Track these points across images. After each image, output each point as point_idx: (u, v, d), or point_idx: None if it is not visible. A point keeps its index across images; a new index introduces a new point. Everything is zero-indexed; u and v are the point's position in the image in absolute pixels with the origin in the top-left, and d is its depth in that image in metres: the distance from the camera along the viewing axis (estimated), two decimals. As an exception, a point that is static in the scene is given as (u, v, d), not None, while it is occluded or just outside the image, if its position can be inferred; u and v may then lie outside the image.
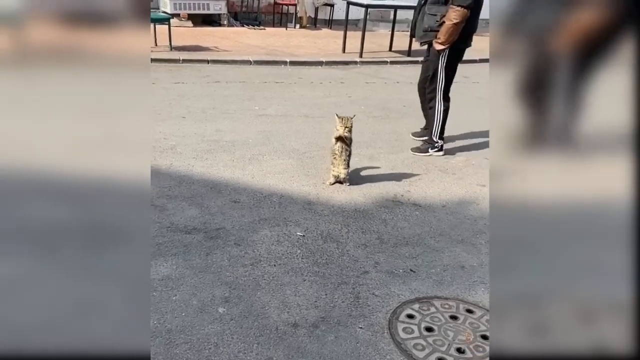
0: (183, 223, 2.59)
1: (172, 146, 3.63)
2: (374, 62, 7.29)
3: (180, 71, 6.04)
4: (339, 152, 3.11)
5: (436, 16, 3.47)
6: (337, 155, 3.12)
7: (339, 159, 3.13)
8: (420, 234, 2.69)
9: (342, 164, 3.14)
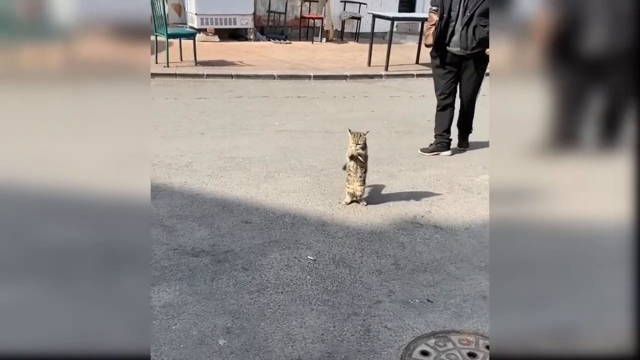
0: (191, 245, 2.51)
1: (187, 163, 3.58)
2: (399, 75, 7.15)
3: (204, 86, 6.05)
4: (353, 169, 3.01)
5: (486, 27, 3.57)
6: (351, 172, 3.02)
7: (353, 176, 3.02)
8: (440, 260, 2.52)
9: (357, 181, 3.03)
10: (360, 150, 2.96)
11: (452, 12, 3.69)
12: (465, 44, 3.70)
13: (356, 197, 3.08)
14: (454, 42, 3.76)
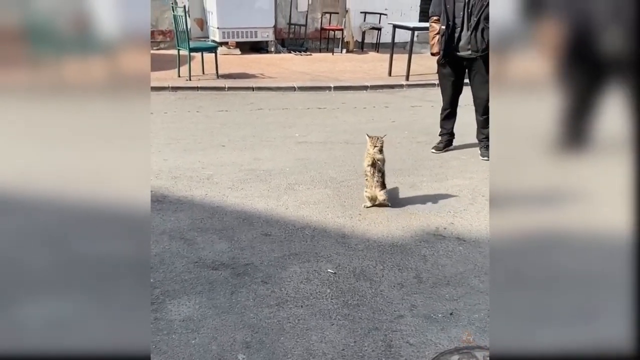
0: (211, 258, 2.51)
1: (209, 176, 3.61)
2: (420, 84, 7.10)
3: (225, 99, 6.12)
4: (370, 173, 3.09)
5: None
6: (368, 177, 3.11)
7: (371, 180, 3.10)
8: (464, 273, 2.46)
9: (375, 185, 3.10)
10: (378, 154, 3.05)
11: (457, 19, 3.85)
12: (475, 47, 3.84)
13: (378, 201, 3.13)
14: (462, 47, 3.91)
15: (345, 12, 9.75)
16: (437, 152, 4.29)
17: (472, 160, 4.12)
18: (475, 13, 3.77)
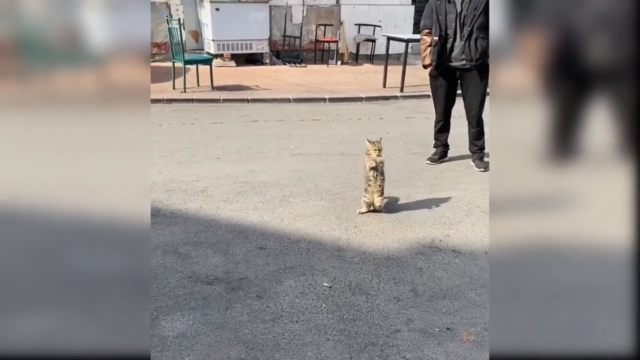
0: (205, 272, 2.49)
1: (203, 189, 3.58)
2: (414, 96, 7.13)
3: (220, 111, 6.12)
4: (373, 178, 3.13)
5: (485, 39, 3.79)
6: (371, 182, 3.13)
7: (373, 186, 3.14)
8: (460, 286, 2.44)
9: (376, 190, 3.15)
10: (380, 157, 3.12)
11: (449, 30, 3.87)
12: (469, 56, 3.86)
13: (374, 207, 3.19)
14: (455, 57, 3.93)
15: (339, 24, 9.82)
16: (432, 163, 4.29)
17: (467, 172, 4.12)
18: (468, 23, 3.79)
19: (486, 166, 4.15)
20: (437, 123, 4.33)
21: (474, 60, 3.87)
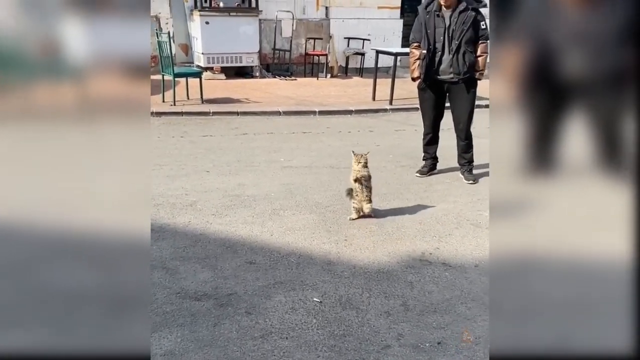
0: (194, 288, 2.45)
1: (192, 202, 3.56)
2: (404, 108, 7.18)
3: (210, 124, 6.10)
4: (359, 189, 3.27)
5: (473, 53, 3.89)
6: (358, 193, 3.28)
7: (360, 196, 3.28)
8: (450, 299, 2.44)
9: (364, 200, 3.28)
10: (362, 170, 3.24)
11: (437, 43, 3.92)
12: (457, 70, 3.91)
13: (363, 213, 3.30)
14: (444, 71, 3.97)
15: (329, 37, 9.90)
16: (421, 176, 4.31)
17: (456, 184, 4.14)
18: (457, 37, 3.84)
19: (475, 178, 4.18)
20: (426, 136, 4.35)
21: (461, 74, 3.91)
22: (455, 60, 3.89)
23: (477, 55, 3.91)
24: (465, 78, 3.93)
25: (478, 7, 3.87)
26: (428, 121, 4.28)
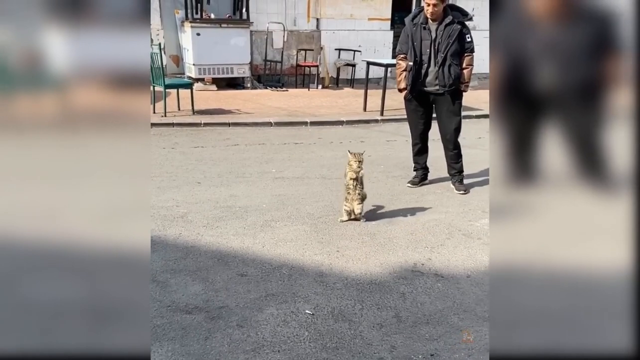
0: (184, 301, 2.43)
1: (183, 214, 3.53)
2: (395, 119, 7.21)
3: (201, 135, 6.09)
4: (352, 187, 3.37)
5: (458, 66, 3.95)
6: (350, 191, 3.37)
7: (353, 194, 3.37)
8: (443, 310, 2.43)
9: (356, 199, 3.38)
10: (360, 169, 3.39)
11: (424, 55, 3.98)
12: (443, 82, 3.96)
13: (354, 215, 3.42)
14: (430, 83, 4.02)
15: (320, 49, 9.97)
16: (413, 186, 4.32)
17: (447, 194, 4.16)
18: (442, 50, 3.89)
19: (466, 189, 4.20)
20: (415, 146, 4.38)
21: (447, 86, 3.96)
22: (441, 72, 3.93)
23: (463, 67, 3.97)
24: (450, 90, 3.98)
25: (464, 20, 3.94)
26: (416, 131, 4.32)
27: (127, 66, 1.47)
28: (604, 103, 1.54)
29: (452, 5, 4.02)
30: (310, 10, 9.89)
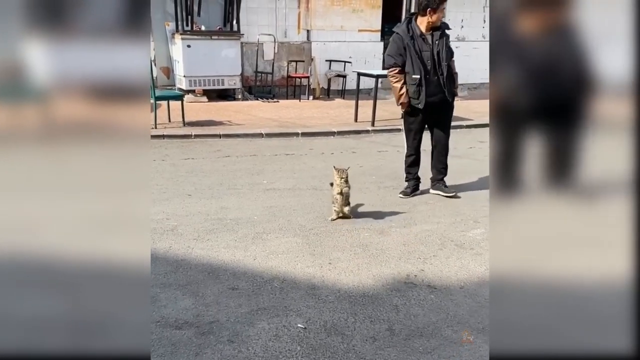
0: (174, 316, 2.38)
1: (173, 227, 3.49)
2: (386, 130, 7.24)
3: (192, 147, 6.05)
4: (340, 199, 3.65)
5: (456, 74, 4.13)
6: (338, 200, 3.65)
7: (340, 201, 3.66)
8: (436, 322, 2.41)
9: (343, 204, 3.66)
10: (345, 185, 3.61)
11: (428, 66, 4.00)
12: (450, 90, 4.09)
13: (343, 214, 3.67)
14: (433, 93, 4.05)
15: (310, 60, 10.00)
16: (405, 197, 4.32)
17: (439, 205, 4.15)
18: (444, 59, 3.96)
19: (455, 192, 4.31)
20: (409, 157, 4.38)
21: (453, 94, 4.11)
22: (447, 81, 4.01)
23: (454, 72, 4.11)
24: (453, 97, 4.12)
25: (445, 28, 4.06)
26: (415, 143, 4.29)
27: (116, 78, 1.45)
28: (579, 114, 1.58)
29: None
30: (301, 22, 9.94)
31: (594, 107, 1.55)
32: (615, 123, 1.53)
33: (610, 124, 1.54)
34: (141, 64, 1.48)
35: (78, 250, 1.38)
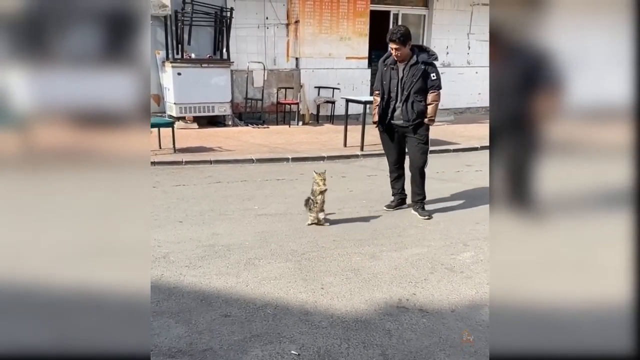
0: (167, 345, 2.37)
1: (165, 254, 3.49)
2: (375, 154, 7.33)
3: (182, 173, 6.07)
4: (320, 200, 4.07)
5: (422, 102, 4.29)
6: (318, 203, 4.07)
7: (319, 206, 4.08)
8: (429, 347, 2.43)
9: (319, 210, 4.10)
10: (325, 186, 4.11)
11: (392, 92, 4.37)
12: (407, 117, 4.33)
13: (317, 220, 4.10)
14: (397, 117, 4.41)
15: (300, 86, 10.15)
16: (388, 209, 4.62)
17: (429, 229, 4.21)
18: (407, 88, 4.28)
19: (429, 214, 4.47)
20: (391, 173, 4.75)
21: (410, 120, 4.32)
22: (405, 108, 4.31)
23: (428, 103, 4.29)
24: (414, 124, 4.32)
25: (430, 59, 4.26)
26: (391, 159, 4.72)
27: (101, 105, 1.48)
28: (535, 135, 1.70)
29: (420, 46, 4.38)
30: (290, 50, 10.13)
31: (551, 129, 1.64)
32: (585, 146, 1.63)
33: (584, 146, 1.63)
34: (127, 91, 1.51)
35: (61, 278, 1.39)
